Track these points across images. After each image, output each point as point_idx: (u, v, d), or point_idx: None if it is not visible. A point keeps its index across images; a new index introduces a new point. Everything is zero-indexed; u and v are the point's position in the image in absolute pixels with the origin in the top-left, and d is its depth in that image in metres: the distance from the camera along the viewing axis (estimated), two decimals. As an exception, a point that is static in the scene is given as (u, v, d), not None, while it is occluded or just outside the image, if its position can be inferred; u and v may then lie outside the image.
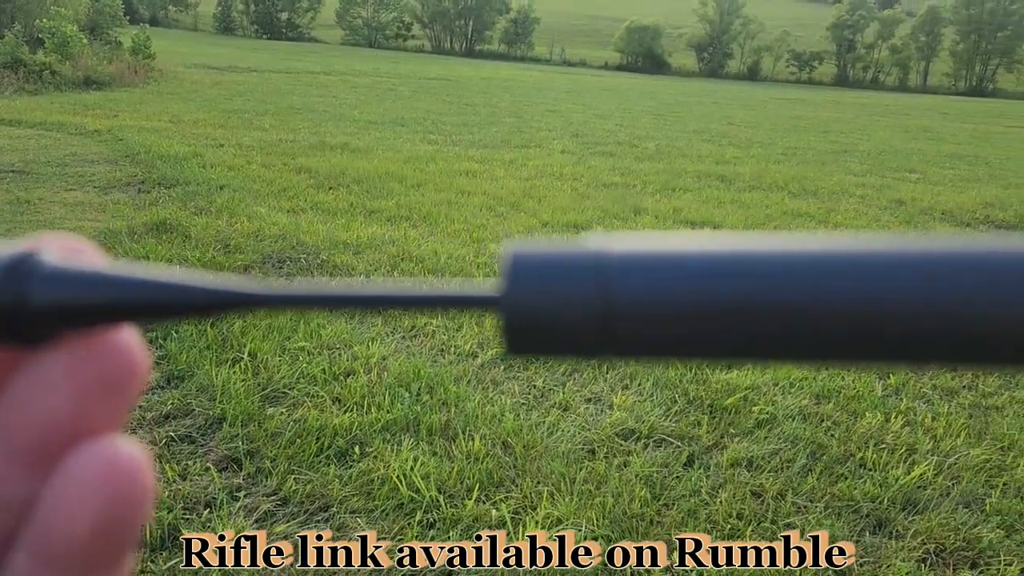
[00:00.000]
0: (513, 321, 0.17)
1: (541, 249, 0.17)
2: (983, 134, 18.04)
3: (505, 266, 0.17)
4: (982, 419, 2.84)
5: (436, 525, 2.02)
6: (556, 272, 0.17)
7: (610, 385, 2.91)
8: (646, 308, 0.16)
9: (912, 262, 0.16)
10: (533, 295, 0.17)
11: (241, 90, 14.99)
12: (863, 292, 0.15)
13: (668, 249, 0.17)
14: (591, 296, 0.16)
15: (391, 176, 6.73)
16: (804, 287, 0.16)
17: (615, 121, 14.44)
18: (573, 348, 0.17)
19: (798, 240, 0.16)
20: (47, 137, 7.74)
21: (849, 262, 0.16)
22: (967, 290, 0.15)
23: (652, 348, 0.17)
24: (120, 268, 0.18)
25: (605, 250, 0.17)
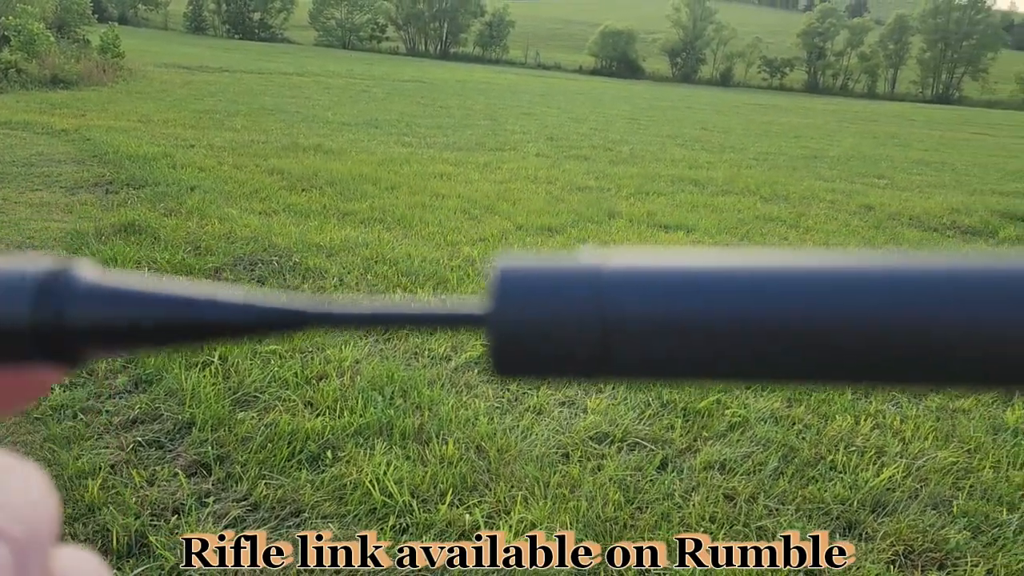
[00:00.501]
0: (500, 341, 0.16)
1: (530, 264, 0.16)
2: (949, 141, 18.37)
3: (492, 282, 0.16)
4: (949, 422, 2.88)
5: (409, 530, 2.01)
6: (547, 289, 0.15)
7: (584, 389, 2.91)
8: (647, 327, 0.15)
9: (908, 280, 0.15)
10: (522, 313, 0.15)
11: (212, 90, 14.83)
12: (870, 311, 0.15)
13: (668, 265, 0.15)
14: (586, 314, 0.15)
15: (365, 178, 6.69)
16: (818, 307, 0.15)
17: (590, 125, 14.49)
18: (566, 370, 0.16)
19: (807, 256, 0.16)
20: (12, 136, 7.59)
21: (855, 279, 0.15)
22: (972, 309, 0.15)
23: (652, 370, 0.16)
24: (157, 285, 0.17)
25: (600, 265, 0.16)
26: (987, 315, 0.15)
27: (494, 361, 0.16)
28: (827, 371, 0.15)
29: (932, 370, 0.15)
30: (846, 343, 0.15)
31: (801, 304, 0.15)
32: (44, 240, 4.20)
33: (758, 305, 0.15)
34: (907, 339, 0.15)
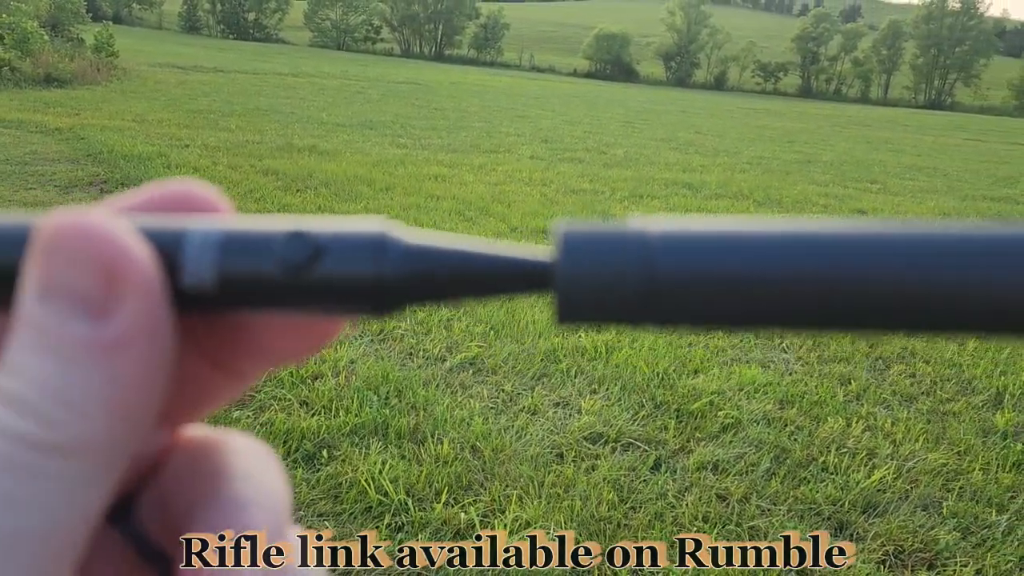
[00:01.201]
0: (564, 292, 0.19)
1: (589, 228, 0.19)
2: (941, 146, 18.48)
3: (557, 242, 0.19)
4: (940, 424, 2.91)
5: (404, 528, 2.02)
6: (603, 248, 0.18)
7: (578, 390, 2.93)
8: (684, 281, 0.18)
9: (922, 242, 0.18)
10: (582, 268, 0.18)
11: (207, 90, 14.81)
12: (870, 268, 0.17)
13: (700, 228, 0.18)
14: (632, 269, 0.18)
15: (359, 179, 6.70)
16: (814, 263, 0.18)
17: (584, 128, 14.53)
18: (616, 317, 0.19)
19: (808, 223, 0.18)
20: (6, 135, 7.57)
21: (860, 241, 0.18)
22: (965, 264, 0.17)
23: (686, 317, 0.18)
24: (463, 242, 0.20)
25: (645, 228, 0.18)
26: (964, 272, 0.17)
27: (558, 310, 0.19)
28: (833, 319, 0.18)
29: (931, 317, 0.18)
30: (848, 294, 0.17)
31: (810, 260, 0.18)
32: (39, 239, 4.19)
33: (776, 261, 0.18)
34: (907, 290, 0.17)
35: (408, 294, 0.20)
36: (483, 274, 0.20)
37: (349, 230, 0.20)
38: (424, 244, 0.20)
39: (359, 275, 0.19)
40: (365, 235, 0.19)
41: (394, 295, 0.19)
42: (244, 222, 0.20)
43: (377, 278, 0.19)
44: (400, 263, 0.19)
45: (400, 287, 0.19)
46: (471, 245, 0.20)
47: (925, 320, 0.18)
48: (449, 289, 0.20)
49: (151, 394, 0.18)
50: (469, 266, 0.20)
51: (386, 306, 0.20)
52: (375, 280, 0.19)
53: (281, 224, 0.20)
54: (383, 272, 0.19)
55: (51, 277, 0.18)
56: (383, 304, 0.20)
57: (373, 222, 0.20)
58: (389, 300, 0.19)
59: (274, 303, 0.20)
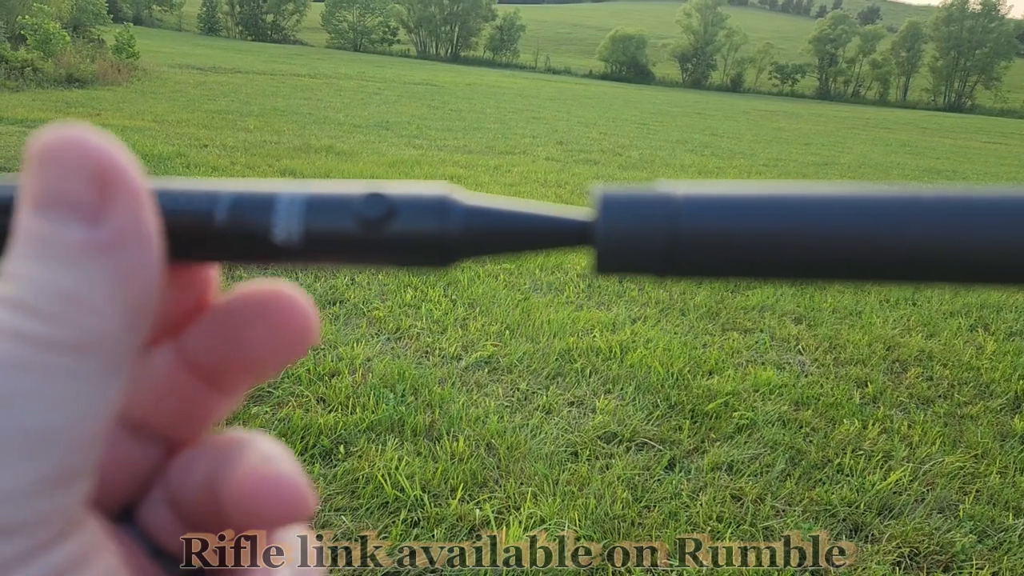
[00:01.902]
0: (603, 246, 0.21)
1: (623, 191, 0.22)
2: (961, 149, 18.33)
3: (596, 202, 0.21)
4: (957, 427, 2.89)
5: (420, 524, 2.04)
6: (636, 208, 0.21)
7: (593, 389, 2.94)
8: (703, 238, 0.20)
9: (927, 201, 0.20)
10: (618, 226, 0.21)
11: (225, 91, 14.93)
12: (870, 227, 0.20)
13: (720, 191, 0.21)
14: (662, 228, 0.21)
15: (376, 179, 6.72)
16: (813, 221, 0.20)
17: (599, 129, 14.52)
18: (647, 269, 0.21)
19: (811, 186, 0.21)
20: (28, 134, 7.66)
21: (862, 200, 0.20)
22: (962, 222, 0.20)
23: (708, 270, 0.21)
24: (510, 204, 0.23)
25: (672, 191, 0.21)
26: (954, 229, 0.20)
27: (598, 262, 0.22)
28: (834, 270, 0.20)
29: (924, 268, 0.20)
30: (856, 250, 0.20)
31: (815, 218, 0.20)
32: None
33: (782, 219, 0.20)
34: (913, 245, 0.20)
35: (467, 248, 0.22)
36: (531, 231, 0.22)
37: (417, 192, 0.22)
38: (481, 204, 0.22)
39: (426, 231, 0.22)
40: (431, 196, 0.22)
41: (455, 249, 0.22)
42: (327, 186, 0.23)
43: (441, 234, 0.22)
44: (460, 221, 0.22)
45: (460, 242, 0.22)
46: (519, 206, 0.23)
47: (921, 271, 0.20)
48: (502, 244, 0.22)
49: (149, 291, 0.20)
50: (519, 224, 0.22)
51: (448, 259, 0.22)
52: (439, 236, 0.22)
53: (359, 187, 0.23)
54: (446, 229, 0.22)
55: (45, 188, 0.19)
56: (446, 257, 0.22)
57: (437, 185, 0.22)
58: (450, 254, 0.22)
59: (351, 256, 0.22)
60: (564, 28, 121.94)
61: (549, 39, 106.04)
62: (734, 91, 69.11)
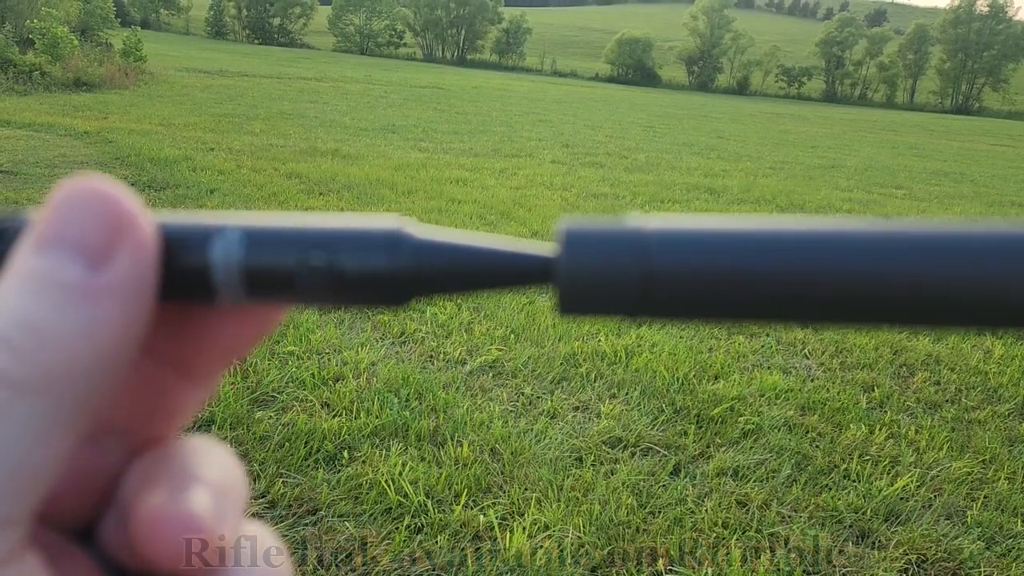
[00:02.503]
0: (567, 284, 0.20)
1: (590, 225, 0.20)
2: (969, 152, 18.26)
3: (559, 237, 0.20)
4: (964, 433, 2.87)
5: (424, 530, 2.03)
6: (602, 244, 0.19)
7: (598, 394, 2.93)
8: (677, 276, 0.19)
9: (904, 239, 0.18)
10: (582, 264, 0.19)
11: (232, 95, 14.97)
12: (847, 265, 0.18)
13: (695, 227, 0.19)
14: (630, 264, 0.19)
15: (382, 183, 6.74)
16: (798, 259, 0.19)
17: (605, 132, 14.51)
18: (615, 309, 0.20)
19: (797, 220, 0.19)
20: (36, 138, 7.70)
21: (839, 240, 0.19)
22: (942, 262, 0.18)
23: (681, 311, 0.19)
24: (468, 238, 0.21)
25: (642, 226, 0.19)
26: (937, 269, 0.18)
27: (560, 302, 0.20)
28: (813, 313, 0.19)
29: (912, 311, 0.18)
30: (828, 289, 0.18)
31: (797, 257, 0.19)
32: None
33: (765, 257, 0.19)
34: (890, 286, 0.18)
35: (420, 286, 0.21)
36: (490, 268, 0.21)
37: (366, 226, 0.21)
38: (435, 239, 0.21)
39: (375, 268, 0.20)
40: (380, 231, 0.21)
41: (407, 287, 0.21)
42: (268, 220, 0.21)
43: (391, 271, 0.20)
44: (412, 257, 0.20)
45: (412, 280, 0.20)
46: (478, 240, 0.21)
47: (906, 314, 0.19)
48: (458, 282, 0.21)
49: (127, 342, 0.19)
50: (476, 260, 0.21)
51: (400, 298, 0.21)
52: (389, 273, 0.20)
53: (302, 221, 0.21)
54: (397, 265, 0.20)
55: (54, 228, 0.19)
56: (397, 296, 0.21)
57: (388, 219, 0.21)
58: (403, 292, 0.21)
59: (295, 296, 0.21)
60: (570, 31, 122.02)
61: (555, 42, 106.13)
62: (740, 94, 69.03)
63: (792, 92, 76.06)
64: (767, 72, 77.85)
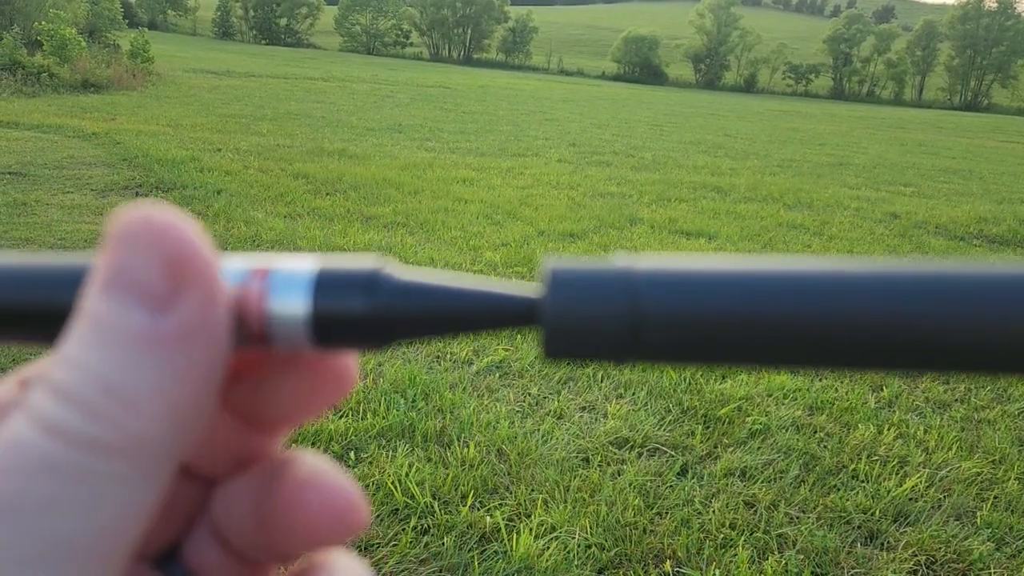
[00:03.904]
0: (552, 327, 0.19)
1: (576, 265, 0.19)
2: (977, 149, 18.16)
3: (545, 279, 0.19)
4: (974, 432, 2.85)
5: (431, 531, 2.03)
6: (590, 286, 0.19)
7: (604, 394, 2.92)
8: (669, 319, 0.18)
9: (900, 281, 0.18)
10: (569, 306, 0.19)
11: (239, 95, 15.01)
12: (847, 308, 0.18)
13: (687, 268, 0.19)
14: (618, 307, 0.18)
15: (388, 183, 6.74)
16: (798, 303, 0.18)
17: (612, 131, 14.49)
18: (603, 353, 0.19)
19: (793, 261, 0.19)
20: (44, 139, 7.74)
21: (840, 281, 0.18)
22: (950, 306, 0.17)
23: (670, 355, 0.19)
24: (451, 280, 0.21)
25: (631, 267, 0.19)
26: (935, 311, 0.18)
27: (546, 345, 0.19)
28: (818, 357, 0.18)
29: (912, 356, 0.18)
30: (824, 334, 0.18)
31: (795, 300, 0.18)
32: (75, 242, 4.28)
33: (760, 300, 0.18)
34: (887, 330, 0.18)
35: (400, 329, 0.20)
36: (472, 310, 0.20)
37: (345, 267, 0.20)
38: (415, 281, 0.20)
39: (352, 310, 0.20)
40: (359, 271, 0.20)
41: (386, 330, 0.20)
42: (243, 260, 0.21)
43: (369, 313, 0.20)
44: (392, 299, 0.20)
45: (392, 322, 0.20)
46: (461, 282, 0.21)
47: (906, 359, 0.18)
48: (440, 324, 0.20)
49: (205, 392, 0.18)
50: (459, 302, 0.20)
51: (380, 341, 0.20)
52: (367, 315, 0.20)
53: (268, 262, 0.20)
54: (375, 307, 0.20)
55: (116, 269, 0.18)
56: (376, 339, 0.20)
57: (369, 259, 0.20)
58: (381, 334, 0.20)
59: (264, 339, 0.20)
60: (577, 30, 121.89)
61: (562, 41, 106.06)
62: (748, 91, 68.83)
63: (799, 89, 75.79)
64: (774, 69, 77.60)
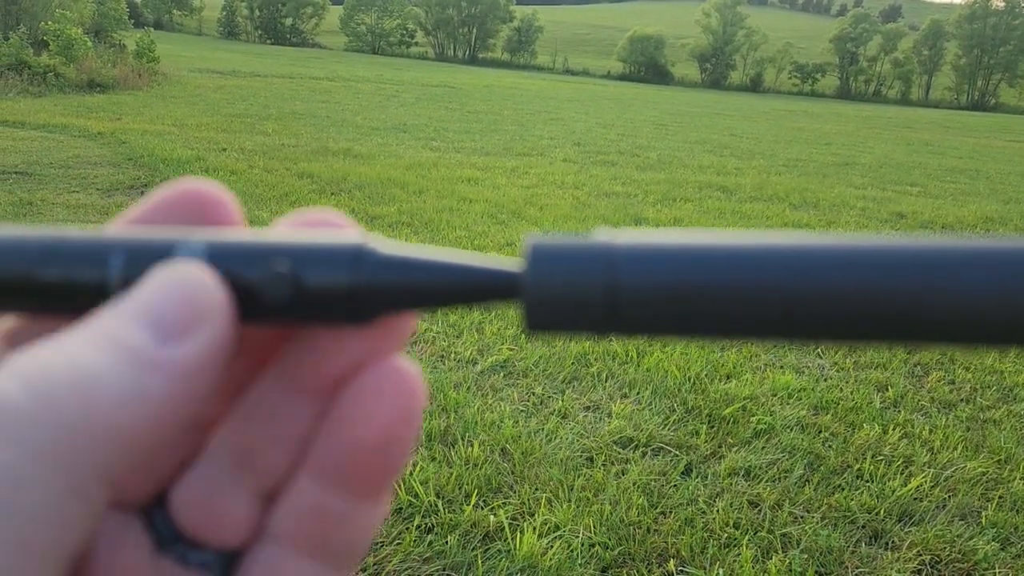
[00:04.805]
0: (532, 300, 0.20)
1: (556, 241, 0.20)
2: (984, 148, 18.09)
3: (526, 253, 0.20)
4: (979, 432, 2.85)
5: (434, 530, 2.03)
6: (569, 260, 0.19)
7: (609, 394, 2.92)
8: (646, 292, 0.19)
9: (868, 254, 0.18)
10: (549, 280, 0.19)
11: (244, 95, 15.04)
12: (817, 280, 0.18)
13: (664, 242, 0.19)
14: (599, 281, 0.19)
15: (393, 182, 6.75)
16: (768, 275, 0.18)
17: (617, 130, 14.48)
18: (582, 326, 0.20)
19: (765, 237, 0.19)
20: (50, 139, 7.77)
21: (810, 254, 0.19)
22: (911, 278, 0.18)
23: (651, 327, 0.19)
24: (434, 254, 0.21)
25: (611, 242, 0.19)
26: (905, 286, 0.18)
27: (526, 318, 0.20)
28: (779, 328, 0.19)
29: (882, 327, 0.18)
30: (794, 305, 0.18)
31: (767, 272, 0.18)
32: (81, 241, 4.29)
33: (734, 273, 0.18)
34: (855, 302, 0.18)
35: (383, 302, 0.20)
36: (455, 283, 0.21)
37: (328, 241, 0.21)
38: (399, 255, 0.21)
39: (337, 284, 0.20)
40: (343, 246, 0.20)
41: (370, 303, 0.20)
42: (231, 234, 0.21)
43: (353, 287, 0.20)
44: (375, 273, 0.20)
45: (375, 295, 0.20)
46: (445, 256, 0.21)
47: (876, 330, 0.18)
48: (422, 297, 0.21)
49: (172, 417, 0.19)
50: (441, 276, 0.21)
51: (364, 315, 0.21)
52: (351, 289, 0.20)
53: (263, 238, 0.21)
54: (359, 281, 0.20)
55: (137, 298, 0.19)
56: (361, 313, 0.21)
57: (351, 234, 0.21)
58: (365, 308, 0.20)
59: (257, 314, 0.21)
60: (582, 29, 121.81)
61: (567, 40, 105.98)
62: (753, 91, 68.66)
63: (805, 89, 75.59)
64: (780, 69, 77.42)
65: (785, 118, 24.80)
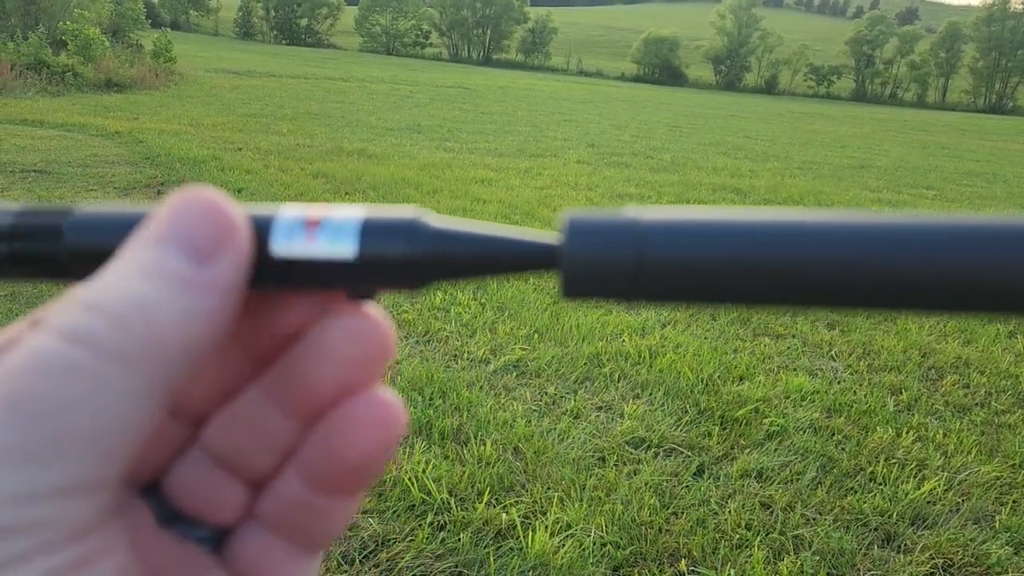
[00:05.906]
0: (569, 270, 0.22)
1: (590, 215, 0.22)
2: (1001, 152, 17.94)
3: (563, 227, 0.22)
4: (994, 437, 2.83)
5: (447, 527, 2.04)
6: (602, 233, 0.21)
7: (621, 394, 2.92)
8: (670, 263, 0.21)
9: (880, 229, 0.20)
10: (584, 251, 0.21)
11: (259, 95, 15.12)
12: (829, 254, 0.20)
13: (688, 217, 0.21)
14: (628, 253, 0.21)
15: (407, 182, 6.78)
16: (781, 248, 0.20)
17: (631, 132, 14.46)
18: (613, 293, 0.22)
19: (779, 213, 0.21)
20: (68, 138, 7.84)
21: (823, 230, 0.21)
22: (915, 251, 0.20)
23: (674, 295, 0.21)
24: (480, 227, 0.23)
25: (639, 217, 0.21)
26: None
27: (564, 286, 0.22)
28: (792, 296, 0.21)
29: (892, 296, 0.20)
30: (813, 275, 0.20)
31: (779, 245, 0.20)
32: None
33: (750, 246, 0.20)
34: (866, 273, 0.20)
35: (435, 271, 0.23)
36: (500, 254, 0.23)
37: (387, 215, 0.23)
38: (449, 228, 0.23)
39: (394, 254, 0.22)
40: (400, 219, 0.23)
41: (424, 271, 0.23)
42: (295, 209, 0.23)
43: (409, 256, 0.22)
44: (428, 244, 0.22)
45: (428, 265, 0.22)
46: (489, 229, 0.23)
47: (884, 298, 0.20)
48: (471, 267, 0.23)
49: (217, 330, 0.21)
50: (487, 247, 0.23)
51: (418, 281, 0.23)
52: (407, 258, 0.22)
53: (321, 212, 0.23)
54: (414, 251, 0.22)
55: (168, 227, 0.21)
56: (415, 279, 0.23)
57: (408, 209, 0.23)
58: (420, 276, 0.23)
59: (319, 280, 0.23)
60: (596, 30, 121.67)
61: (581, 41, 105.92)
62: (768, 93, 68.38)
63: (821, 91, 75.20)
64: (795, 71, 77.04)
65: (800, 120, 24.68)
